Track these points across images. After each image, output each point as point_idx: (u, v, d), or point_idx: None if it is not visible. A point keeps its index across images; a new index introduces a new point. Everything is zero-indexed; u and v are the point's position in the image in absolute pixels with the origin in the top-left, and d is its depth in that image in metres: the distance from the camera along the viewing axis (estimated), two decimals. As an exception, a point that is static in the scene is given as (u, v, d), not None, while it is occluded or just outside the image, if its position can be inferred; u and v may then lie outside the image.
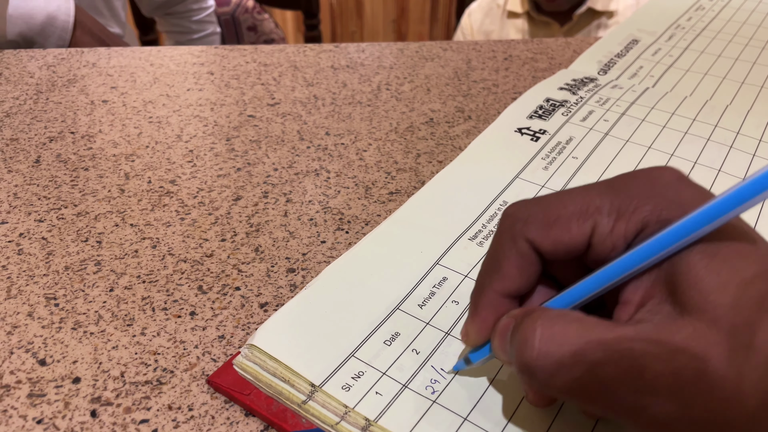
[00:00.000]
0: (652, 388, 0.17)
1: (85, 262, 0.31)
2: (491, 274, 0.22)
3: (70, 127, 0.43)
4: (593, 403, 0.18)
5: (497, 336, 0.21)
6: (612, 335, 0.18)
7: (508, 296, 0.22)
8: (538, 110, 0.42)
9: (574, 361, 0.18)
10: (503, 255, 0.22)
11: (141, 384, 0.25)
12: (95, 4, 0.82)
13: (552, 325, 0.19)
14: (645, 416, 0.17)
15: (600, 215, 0.20)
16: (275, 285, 0.30)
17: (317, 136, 0.42)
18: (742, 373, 0.16)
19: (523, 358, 0.19)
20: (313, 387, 0.23)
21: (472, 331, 0.23)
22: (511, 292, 0.22)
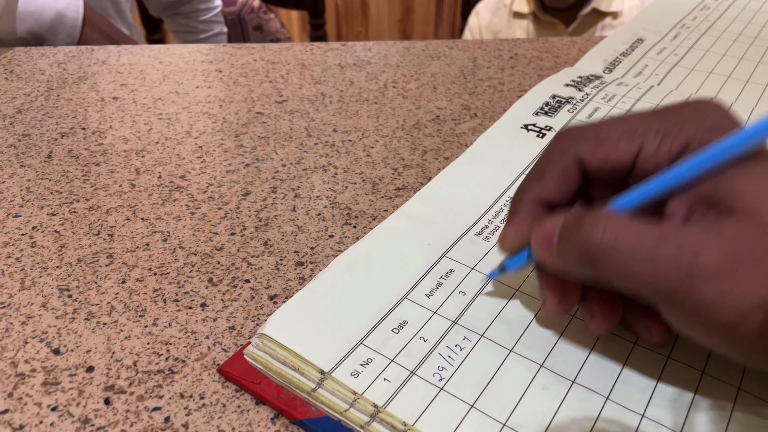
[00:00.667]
0: (705, 267, 0.19)
1: (98, 254, 0.31)
2: (533, 181, 0.25)
3: (81, 123, 0.43)
4: (644, 283, 0.20)
5: (542, 237, 0.23)
6: (668, 227, 0.20)
7: (546, 204, 0.24)
8: (544, 107, 0.42)
9: (635, 246, 0.20)
10: (549, 165, 0.24)
11: (153, 373, 0.25)
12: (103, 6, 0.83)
13: (615, 219, 0.21)
14: (692, 296, 0.19)
15: (647, 135, 0.23)
16: (284, 278, 0.30)
17: (325, 133, 0.42)
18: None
19: (588, 245, 0.21)
20: (322, 375, 0.24)
21: (510, 234, 0.25)
22: (549, 200, 0.24)
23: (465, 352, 0.25)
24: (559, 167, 0.24)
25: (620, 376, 0.24)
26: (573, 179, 0.24)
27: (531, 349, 0.25)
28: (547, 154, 0.25)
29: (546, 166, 0.25)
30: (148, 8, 1.14)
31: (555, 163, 0.24)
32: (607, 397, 0.24)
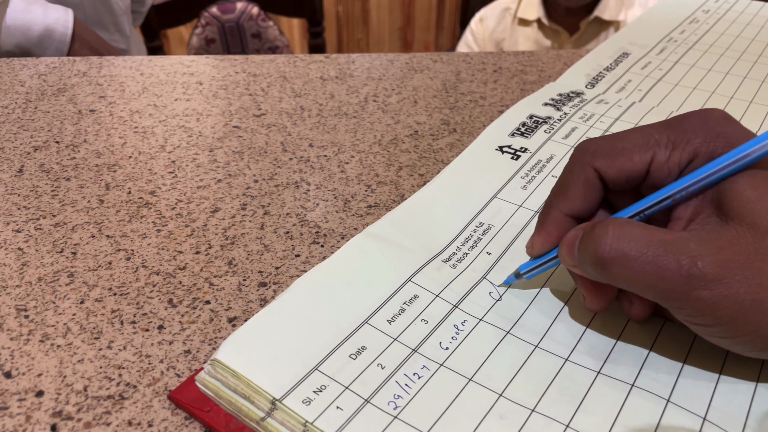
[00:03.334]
0: (701, 273, 0.21)
1: (59, 273, 0.31)
2: (559, 196, 0.27)
3: (56, 136, 0.43)
4: (649, 289, 0.22)
5: (565, 245, 0.25)
6: (670, 236, 0.22)
7: (571, 216, 0.27)
8: (521, 127, 0.41)
9: (640, 254, 0.22)
10: (571, 180, 0.26)
11: (103, 398, 0.25)
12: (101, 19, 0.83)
13: (621, 226, 0.23)
14: (692, 298, 0.21)
15: (658, 147, 0.25)
16: (246, 299, 0.30)
17: (300, 148, 0.42)
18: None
19: (597, 253, 0.23)
20: (273, 404, 0.23)
21: (537, 242, 0.28)
22: (574, 212, 0.27)
23: (423, 380, 0.25)
24: (581, 181, 0.26)
25: (581, 405, 0.24)
26: (595, 191, 0.26)
27: (491, 378, 0.25)
28: (569, 168, 0.27)
29: (568, 181, 0.27)
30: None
31: (576, 177, 0.26)
32: (567, 425, 0.23)
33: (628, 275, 0.23)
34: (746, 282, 0.21)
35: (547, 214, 0.27)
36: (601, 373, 0.25)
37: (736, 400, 0.24)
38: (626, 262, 0.22)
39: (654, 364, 0.25)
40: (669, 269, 0.21)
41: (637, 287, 0.23)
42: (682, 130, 0.25)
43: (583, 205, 0.27)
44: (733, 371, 0.25)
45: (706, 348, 0.26)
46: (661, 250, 0.22)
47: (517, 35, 1.31)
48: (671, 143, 0.25)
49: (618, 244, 0.23)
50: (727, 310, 0.21)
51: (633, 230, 0.23)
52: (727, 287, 0.21)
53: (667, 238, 0.22)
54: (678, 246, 0.22)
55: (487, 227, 0.33)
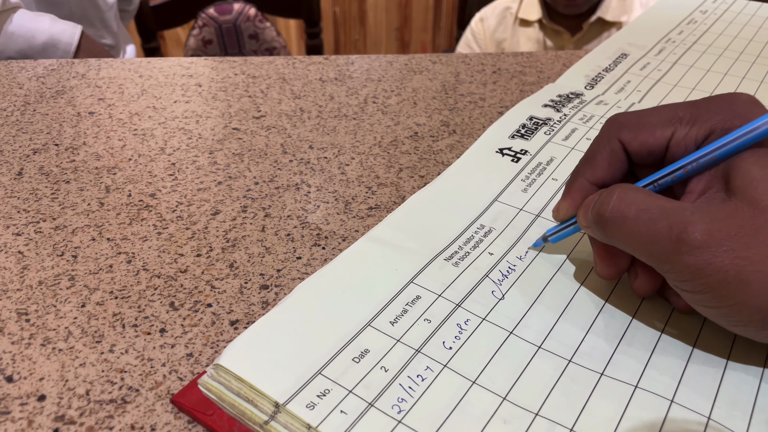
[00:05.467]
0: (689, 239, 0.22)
1: (59, 276, 0.31)
2: (585, 164, 0.29)
3: (55, 139, 0.43)
4: (641, 250, 0.24)
5: (582, 207, 0.27)
6: (670, 204, 0.23)
7: (596, 184, 0.28)
8: (521, 129, 0.41)
9: (637, 216, 0.24)
10: (598, 150, 0.28)
11: (105, 402, 0.25)
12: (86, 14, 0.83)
13: (627, 191, 0.25)
14: (678, 263, 0.22)
15: (680, 123, 0.26)
16: (247, 302, 0.29)
17: (300, 150, 0.42)
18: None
19: (600, 211, 0.25)
20: (276, 407, 0.23)
21: (563, 207, 0.29)
22: (599, 181, 0.28)
23: (426, 383, 0.25)
24: (607, 151, 0.28)
25: (584, 408, 0.24)
26: (619, 162, 0.28)
27: (494, 380, 0.25)
28: (597, 139, 0.29)
29: (595, 151, 0.28)
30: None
31: (603, 148, 0.28)
32: (570, 429, 0.23)
33: (623, 235, 0.24)
34: (732, 254, 0.21)
35: (573, 182, 0.29)
36: (604, 374, 0.25)
37: (740, 398, 0.24)
38: (623, 223, 0.24)
39: (657, 364, 0.25)
40: (660, 232, 0.23)
41: (631, 247, 0.24)
42: (705, 109, 0.26)
43: (608, 174, 0.28)
44: (737, 371, 0.25)
45: (709, 348, 0.26)
46: (657, 214, 0.23)
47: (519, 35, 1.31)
48: (692, 120, 0.26)
49: (619, 205, 0.24)
50: (710, 278, 0.22)
51: (636, 195, 0.24)
52: (712, 256, 0.22)
53: (666, 205, 0.24)
54: (674, 213, 0.23)
55: (488, 230, 0.33)
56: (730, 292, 0.22)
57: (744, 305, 0.22)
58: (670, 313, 0.28)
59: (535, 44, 1.30)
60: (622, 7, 1.21)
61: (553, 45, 1.29)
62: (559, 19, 1.27)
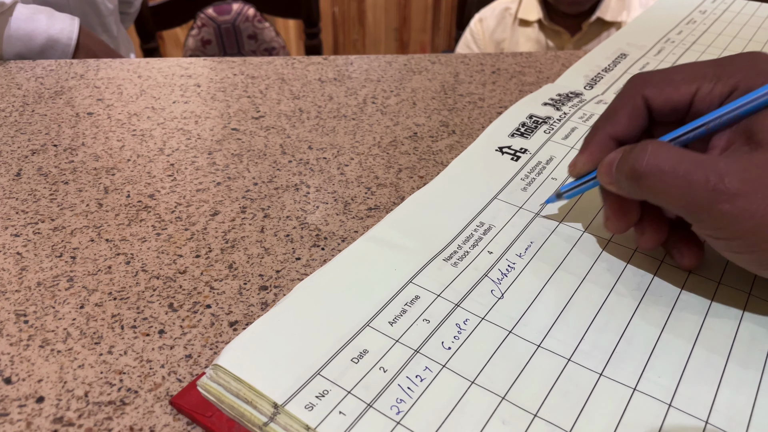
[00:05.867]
0: (726, 189, 0.23)
1: (58, 278, 0.31)
2: (606, 119, 0.29)
3: (54, 139, 0.43)
4: (678, 201, 0.25)
5: (605, 164, 0.28)
6: (702, 157, 0.24)
7: (615, 139, 0.29)
8: (521, 127, 0.41)
9: (673, 169, 0.24)
10: (620, 105, 0.29)
11: (104, 404, 0.25)
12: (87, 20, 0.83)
13: (659, 146, 0.25)
14: (715, 211, 0.23)
15: (704, 80, 0.27)
16: (246, 303, 0.29)
17: (300, 150, 0.42)
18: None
19: (635, 167, 0.25)
20: (275, 408, 0.23)
21: (580, 161, 0.30)
22: (618, 135, 0.29)
23: (425, 383, 0.24)
24: (629, 107, 0.28)
25: (583, 410, 0.24)
26: (640, 118, 0.28)
27: (493, 380, 0.25)
28: (620, 95, 0.29)
29: (617, 106, 0.29)
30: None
31: (625, 103, 0.28)
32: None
33: (661, 187, 0.25)
34: (766, 200, 0.23)
35: (593, 136, 0.29)
36: (603, 375, 0.25)
37: (739, 402, 0.24)
38: (661, 176, 0.25)
39: (656, 366, 0.25)
40: (698, 183, 0.24)
41: (668, 199, 0.25)
42: (729, 67, 0.27)
43: (627, 130, 0.28)
44: (736, 375, 0.25)
45: (708, 351, 0.26)
46: (693, 166, 0.24)
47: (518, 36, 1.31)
48: (716, 77, 0.26)
49: (654, 161, 0.25)
50: (746, 224, 0.23)
51: (669, 150, 0.25)
52: (747, 202, 0.23)
53: (699, 157, 0.24)
54: (708, 164, 0.24)
55: (488, 227, 0.33)
56: (763, 237, 0.23)
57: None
58: (671, 311, 0.28)
59: (534, 44, 1.30)
60: (622, 7, 1.21)
61: (553, 45, 1.29)
62: (558, 20, 1.27)
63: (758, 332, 0.27)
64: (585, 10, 1.22)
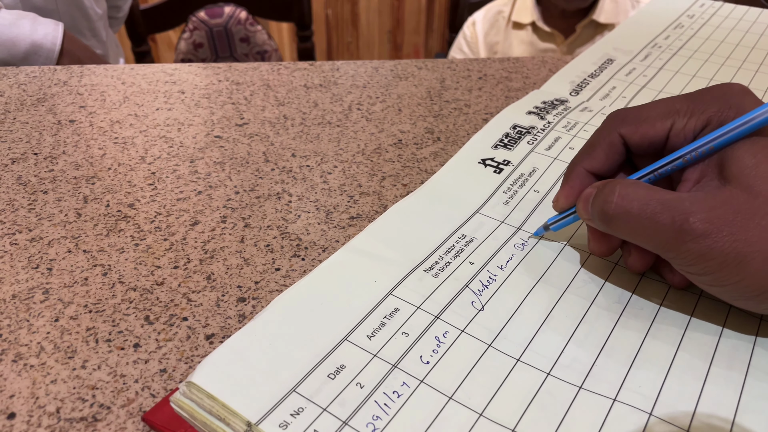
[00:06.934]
0: (691, 229, 0.24)
1: (33, 290, 0.30)
2: (584, 155, 0.30)
3: (34, 148, 0.42)
4: (648, 241, 0.26)
5: (582, 200, 0.29)
6: (670, 196, 0.25)
7: (593, 174, 0.30)
8: (504, 138, 0.41)
9: (640, 211, 0.25)
10: (597, 142, 0.30)
11: (76, 420, 0.24)
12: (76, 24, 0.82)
13: (627, 187, 0.26)
14: (683, 250, 0.24)
15: (678, 115, 0.28)
16: (224, 315, 0.29)
17: (283, 158, 0.41)
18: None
19: (604, 209, 0.26)
20: (248, 426, 0.23)
21: (561, 196, 0.31)
22: (596, 170, 0.30)
23: (402, 399, 0.24)
24: (606, 144, 0.29)
25: (562, 423, 0.23)
26: (616, 154, 0.29)
27: (471, 396, 0.24)
28: (597, 132, 0.30)
29: (594, 142, 0.30)
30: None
31: (602, 140, 0.30)
32: (548, 447, 0.23)
33: (629, 229, 0.26)
34: (732, 238, 0.23)
35: (571, 171, 0.30)
36: (582, 388, 0.25)
37: (719, 413, 0.24)
38: (628, 218, 0.25)
39: (636, 377, 0.25)
40: (664, 224, 0.24)
41: (637, 240, 0.26)
42: (701, 101, 0.27)
43: (605, 165, 0.30)
44: (716, 387, 0.25)
45: (688, 360, 0.26)
46: (659, 207, 0.25)
47: (512, 39, 1.31)
48: (689, 112, 0.27)
49: (622, 202, 0.26)
50: (713, 262, 0.24)
51: (637, 190, 0.26)
52: (713, 241, 0.23)
53: (666, 197, 0.25)
54: (674, 204, 0.24)
55: (469, 239, 0.33)
56: (732, 273, 0.24)
57: (745, 283, 0.24)
58: (651, 324, 0.28)
59: (528, 47, 1.30)
60: (616, 10, 1.21)
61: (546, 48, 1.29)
62: (552, 22, 1.27)
63: (739, 344, 0.27)
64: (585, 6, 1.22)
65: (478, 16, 1.34)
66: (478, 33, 1.34)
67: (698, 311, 0.28)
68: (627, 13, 1.21)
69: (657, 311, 0.28)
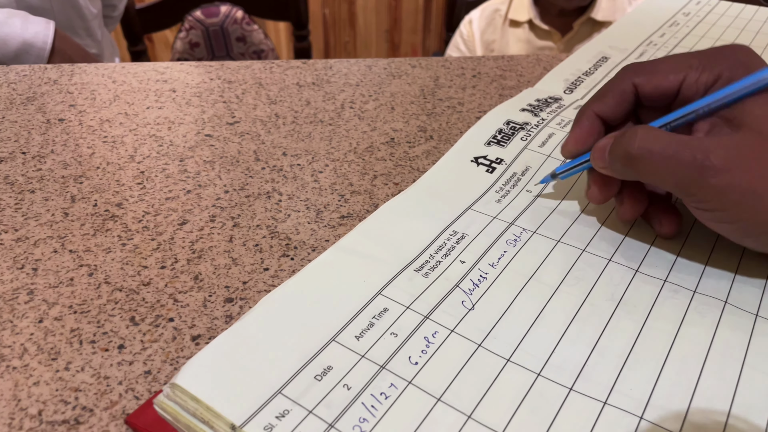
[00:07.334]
0: (712, 165, 0.25)
1: (18, 290, 0.30)
2: (595, 100, 0.31)
3: (23, 147, 0.42)
4: (669, 179, 0.27)
5: (597, 149, 0.30)
6: (688, 138, 0.27)
7: (602, 119, 0.31)
8: (497, 135, 0.41)
9: (663, 150, 0.26)
10: (610, 88, 0.31)
11: (58, 423, 0.24)
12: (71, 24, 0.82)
13: (648, 130, 0.28)
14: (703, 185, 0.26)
15: (690, 69, 0.29)
16: (210, 316, 0.29)
17: (273, 157, 0.41)
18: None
19: (628, 150, 0.28)
20: (233, 429, 0.22)
21: (571, 141, 0.32)
22: (605, 114, 0.31)
23: (390, 401, 0.24)
24: (618, 91, 0.31)
25: (551, 427, 0.23)
26: (627, 102, 0.31)
27: (460, 397, 0.24)
28: (611, 81, 0.31)
29: (607, 89, 0.31)
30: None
31: (615, 87, 0.31)
32: (538, 449, 0.22)
33: (652, 168, 0.27)
34: (748, 174, 0.25)
35: (582, 114, 0.32)
36: (573, 390, 0.24)
37: (712, 415, 0.23)
38: (651, 157, 0.27)
39: (628, 378, 0.25)
40: (686, 161, 0.26)
41: (660, 178, 0.27)
42: (713, 58, 0.29)
43: (615, 112, 0.31)
44: (708, 390, 0.24)
45: (681, 361, 0.25)
46: (680, 146, 0.26)
47: (508, 37, 1.30)
48: (701, 67, 0.29)
49: (645, 143, 0.27)
50: (731, 196, 0.25)
51: (657, 133, 0.27)
52: (731, 177, 0.25)
53: (685, 138, 0.27)
54: (694, 143, 0.26)
55: (461, 236, 0.32)
56: (748, 207, 0.25)
57: (758, 218, 0.25)
58: (644, 322, 0.27)
59: (525, 45, 1.29)
60: (613, 7, 1.21)
61: (543, 46, 1.29)
62: (549, 20, 1.26)
63: (733, 343, 0.26)
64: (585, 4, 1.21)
65: (474, 15, 1.33)
66: (474, 31, 1.33)
67: (693, 307, 0.28)
68: (624, 11, 1.21)
69: (650, 309, 0.28)
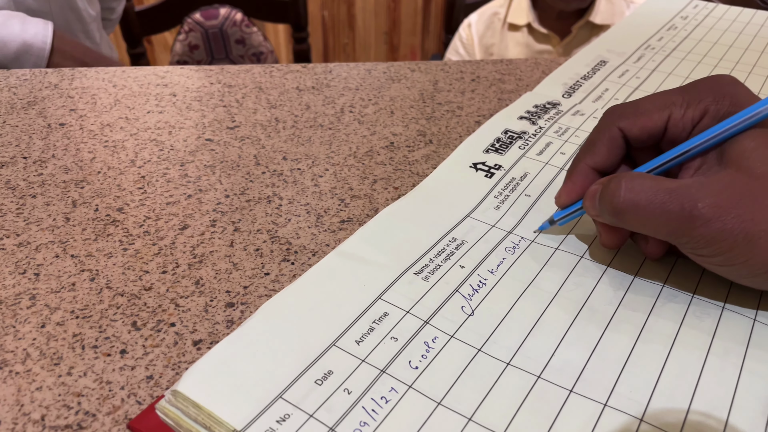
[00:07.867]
0: (701, 214, 0.25)
1: (20, 295, 0.30)
2: (586, 151, 0.31)
3: (24, 151, 0.42)
4: (658, 231, 0.26)
5: (588, 197, 0.29)
6: (675, 185, 0.26)
7: (596, 169, 0.30)
8: (496, 143, 0.41)
9: (649, 202, 0.26)
10: (598, 138, 0.30)
11: (61, 428, 0.24)
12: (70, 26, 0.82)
13: (633, 179, 0.27)
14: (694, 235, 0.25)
15: (675, 106, 0.28)
16: (212, 321, 0.29)
17: (274, 161, 0.41)
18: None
19: (613, 203, 0.27)
20: (234, 433, 0.22)
21: (564, 194, 0.31)
22: (599, 165, 0.30)
23: (390, 405, 0.24)
24: (606, 139, 0.30)
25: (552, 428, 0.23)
26: (618, 149, 0.30)
27: (460, 401, 0.24)
28: (597, 129, 0.31)
29: (595, 139, 0.30)
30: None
31: (602, 135, 0.30)
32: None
33: (640, 221, 0.26)
34: (739, 219, 0.24)
35: (574, 167, 0.31)
36: (573, 392, 0.25)
37: (712, 418, 0.24)
38: (637, 210, 0.26)
39: (628, 381, 0.25)
40: (674, 212, 0.25)
41: (649, 230, 0.27)
42: (695, 92, 0.28)
43: (607, 160, 0.30)
44: (707, 394, 0.25)
45: (680, 363, 0.26)
46: (667, 197, 0.25)
47: (507, 40, 1.30)
48: (686, 103, 0.28)
49: (630, 195, 0.26)
50: (723, 243, 0.25)
51: (643, 182, 0.26)
52: (722, 224, 0.24)
53: (672, 186, 0.26)
54: (681, 192, 0.25)
55: (460, 242, 0.32)
56: (741, 252, 0.25)
57: (754, 261, 0.25)
58: (643, 326, 0.27)
59: (523, 48, 1.30)
60: (611, 11, 1.21)
61: (542, 49, 1.29)
62: (548, 23, 1.26)
63: (732, 347, 0.26)
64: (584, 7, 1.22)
65: (473, 18, 1.34)
66: (473, 35, 1.33)
67: (692, 311, 0.28)
68: (622, 14, 1.21)
69: (649, 313, 0.28)
